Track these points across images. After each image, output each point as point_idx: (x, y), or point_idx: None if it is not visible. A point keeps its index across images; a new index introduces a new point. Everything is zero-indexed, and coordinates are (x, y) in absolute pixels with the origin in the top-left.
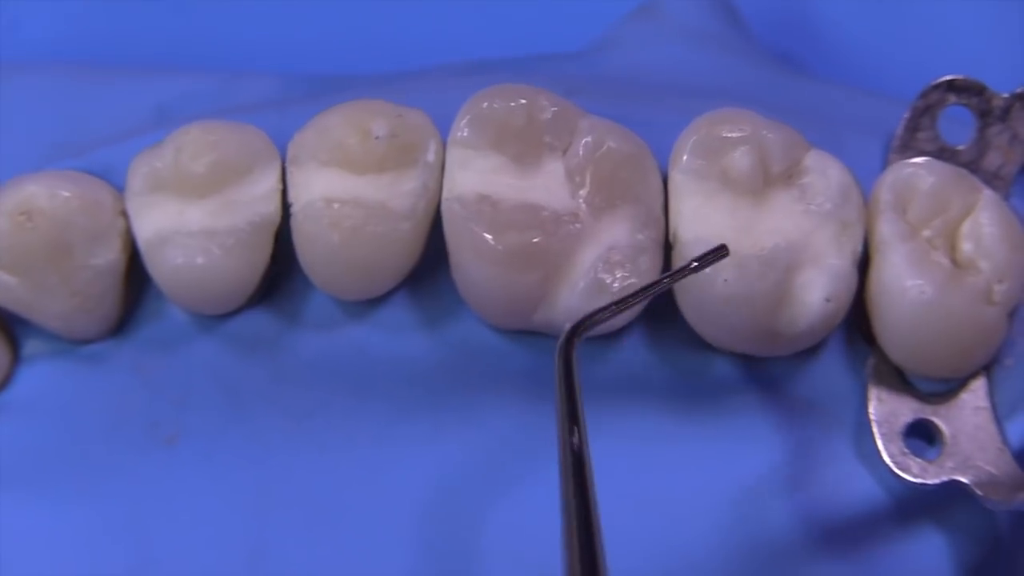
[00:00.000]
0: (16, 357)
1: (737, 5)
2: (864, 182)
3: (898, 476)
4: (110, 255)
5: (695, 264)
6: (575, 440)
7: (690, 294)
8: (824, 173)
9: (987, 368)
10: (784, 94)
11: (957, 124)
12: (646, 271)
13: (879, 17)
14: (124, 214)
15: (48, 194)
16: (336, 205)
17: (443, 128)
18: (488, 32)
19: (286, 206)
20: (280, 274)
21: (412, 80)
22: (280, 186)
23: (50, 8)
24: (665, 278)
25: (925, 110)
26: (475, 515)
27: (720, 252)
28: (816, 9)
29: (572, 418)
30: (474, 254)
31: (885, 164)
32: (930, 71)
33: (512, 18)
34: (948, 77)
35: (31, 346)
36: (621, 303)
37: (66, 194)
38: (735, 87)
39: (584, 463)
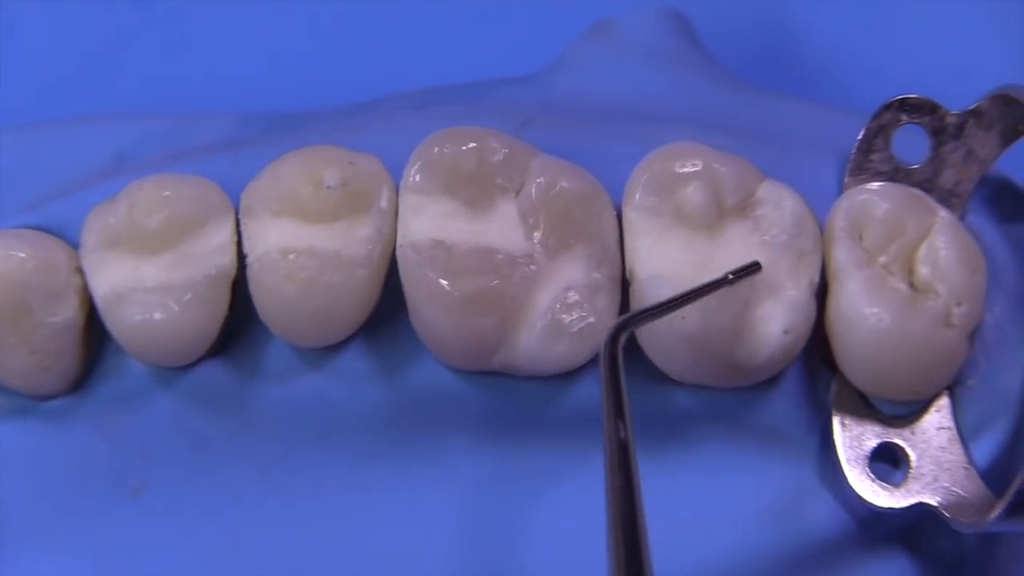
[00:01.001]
0: None
1: (695, 19)
2: (821, 203)
3: (865, 501)
4: (68, 312)
5: (731, 277)
6: (621, 434)
7: (650, 330)
8: (778, 204)
9: (950, 389)
10: (740, 113)
11: (916, 136)
12: (603, 309)
13: (847, 26)
14: (80, 271)
15: (2, 256)
16: (291, 256)
17: (396, 169)
18: (444, 55)
19: (242, 256)
20: (239, 321)
21: (366, 113)
22: (235, 238)
23: (48, 9)
24: (700, 288)
25: (878, 131)
26: (445, 555)
27: (753, 268)
28: (785, 21)
29: (618, 414)
30: (430, 300)
31: (841, 183)
32: (901, 84)
33: (468, 40)
34: (900, 96)
35: None
36: (661, 306)
37: (21, 255)
38: (690, 108)
39: (629, 455)
